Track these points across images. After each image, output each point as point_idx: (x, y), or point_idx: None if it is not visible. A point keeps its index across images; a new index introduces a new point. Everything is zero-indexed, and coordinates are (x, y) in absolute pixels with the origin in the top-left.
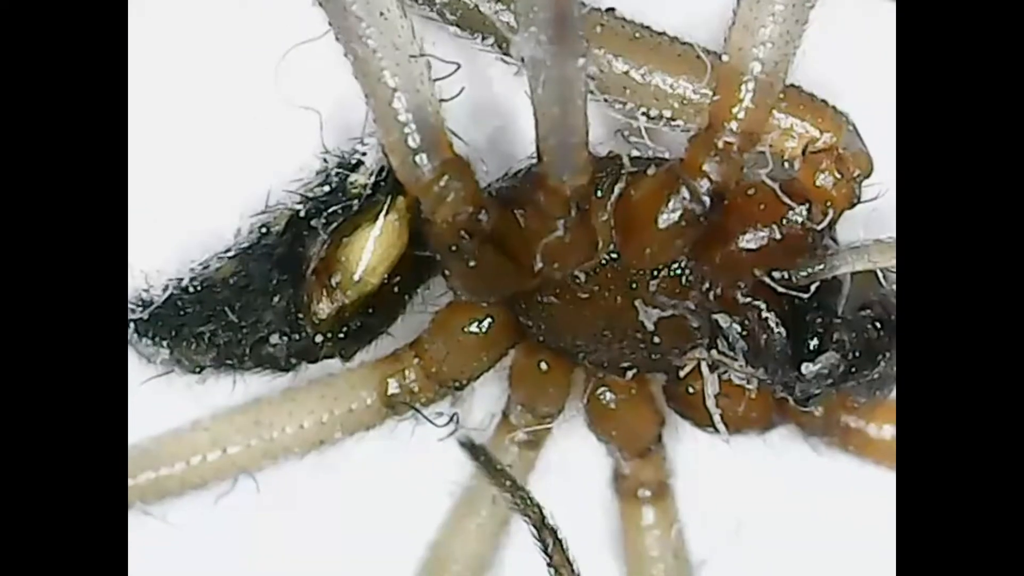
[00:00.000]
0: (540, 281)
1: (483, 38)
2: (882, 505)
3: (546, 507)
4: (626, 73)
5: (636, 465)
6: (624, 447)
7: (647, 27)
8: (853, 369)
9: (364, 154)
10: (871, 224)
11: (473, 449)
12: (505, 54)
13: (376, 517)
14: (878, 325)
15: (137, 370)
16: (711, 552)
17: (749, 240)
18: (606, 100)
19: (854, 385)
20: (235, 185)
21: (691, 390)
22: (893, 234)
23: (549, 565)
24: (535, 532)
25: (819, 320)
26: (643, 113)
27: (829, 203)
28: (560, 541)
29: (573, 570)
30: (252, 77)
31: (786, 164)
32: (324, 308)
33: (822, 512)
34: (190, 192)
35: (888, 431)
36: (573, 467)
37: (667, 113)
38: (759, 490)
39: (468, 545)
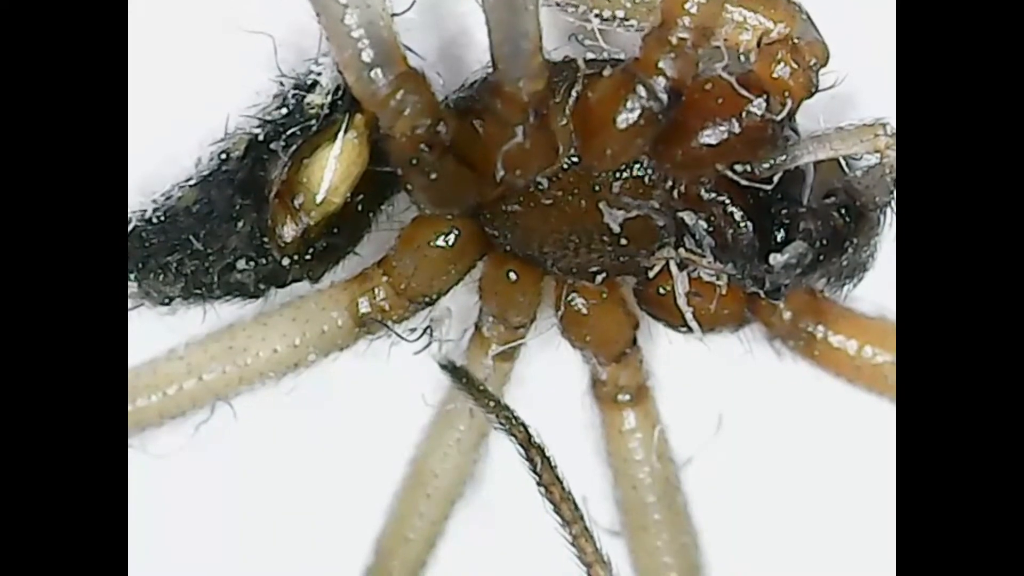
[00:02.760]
0: (503, 189)
1: None
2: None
3: (531, 425)
4: None
5: (613, 370)
6: (599, 352)
7: None
8: (821, 257)
9: (319, 74)
10: (831, 112)
11: (455, 371)
12: None
13: (356, 437)
14: (843, 212)
15: None
16: (696, 451)
17: (709, 135)
18: (558, 4)
19: (823, 274)
20: (193, 114)
21: (662, 291)
22: (853, 120)
23: (539, 484)
24: (522, 451)
25: (784, 211)
26: (596, 15)
27: (787, 93)
28: (548, 459)
29: (563, 486)
30: (204, 5)
31: (742, 57)
32: (289, 231)
33: (803, 404)
34: (148, 124)
35: (851, 345)
36: (550, 379)
37: (620, 14)
38: (739, 386)
39: (448, 459)
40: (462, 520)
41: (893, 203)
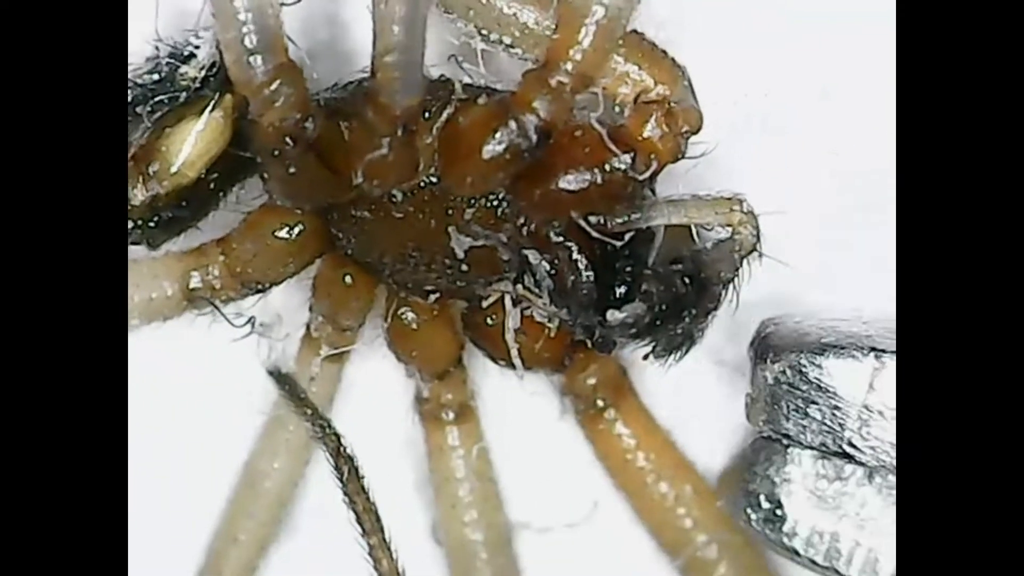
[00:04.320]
0: (356, 195)
1: None
2: None
3: (344, 437)
4: None
5: (436, 387)
6: (423, 368)
7: None
8: (658, 322)
9: (197, 47)
10: (691, 180)
11: (280, 378)
12: None
13: (195, 437)
14: (687, 280)
15: None
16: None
17: (570, 181)
18: (447, 14)
19: (655, 338)
20: None
21: (490, 321)
22: (711, 191)
23: (345, 494)
24: (331, 461)
25: (629, 269)
26: (483, 37)
27: (653, 155)
28: (356, 470)
29: (368, 499)
30: None
31: (617, 109)
32: (138, 195)
33: None
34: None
35: (630, 443)
36: (382, 388)
37: (507, 39)
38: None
39: (277, 459)
40: (294, 525)
41: (736, 279)
